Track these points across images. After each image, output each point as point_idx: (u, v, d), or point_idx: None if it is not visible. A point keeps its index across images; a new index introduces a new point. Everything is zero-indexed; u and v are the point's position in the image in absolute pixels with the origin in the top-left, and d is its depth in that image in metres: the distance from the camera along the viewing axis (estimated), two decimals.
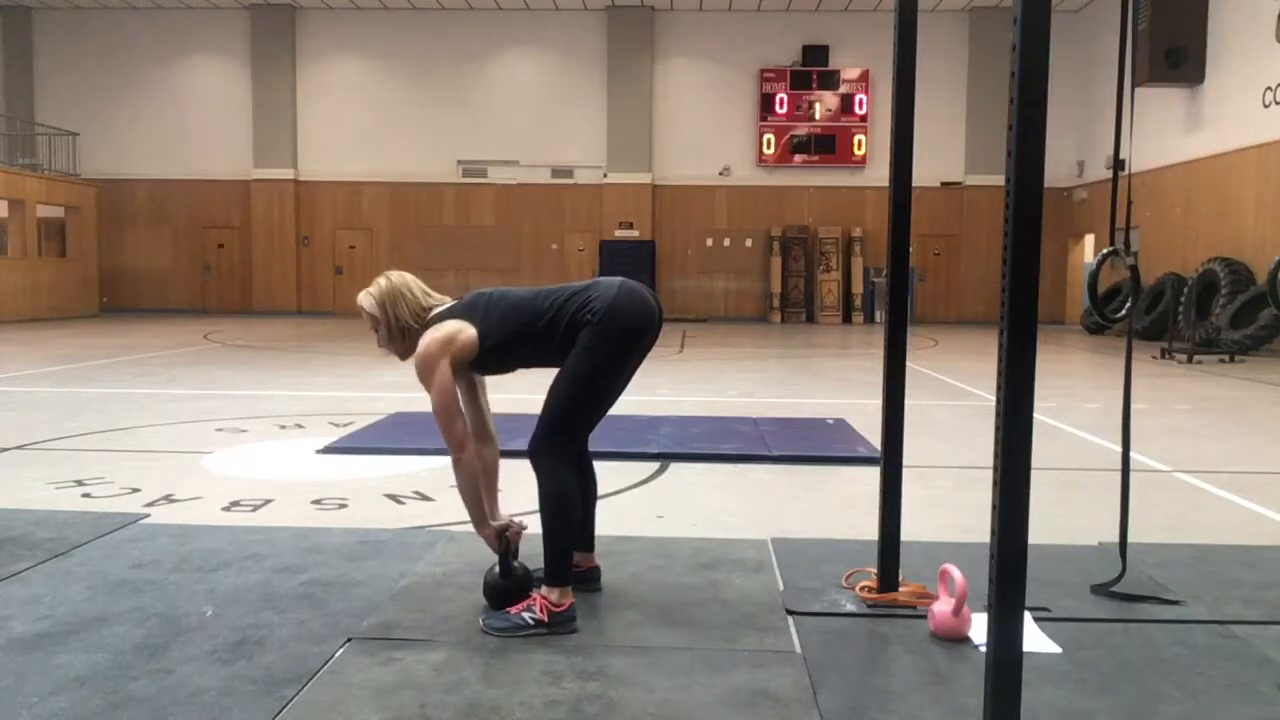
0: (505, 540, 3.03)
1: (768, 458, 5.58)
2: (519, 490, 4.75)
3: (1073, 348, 15.04)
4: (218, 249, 22.78)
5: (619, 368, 2.97)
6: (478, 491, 3.03)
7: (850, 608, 3.12)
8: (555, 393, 2.96)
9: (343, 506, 4.50)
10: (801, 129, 21.71)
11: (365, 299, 3.08)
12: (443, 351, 2.93)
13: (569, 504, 2.94)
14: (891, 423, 3.12)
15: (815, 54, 21.64)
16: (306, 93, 22.28)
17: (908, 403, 3.21)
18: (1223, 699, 2.50)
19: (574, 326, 2.93)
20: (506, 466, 5.28)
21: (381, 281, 3.09)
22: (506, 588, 3.00)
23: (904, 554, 3.20)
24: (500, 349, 2.99)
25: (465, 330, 2.96)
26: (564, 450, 2.96)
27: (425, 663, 2.66)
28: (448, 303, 3.10)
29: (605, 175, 21.91)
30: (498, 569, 3.03)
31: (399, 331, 3.06)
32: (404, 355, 3.11)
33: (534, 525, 3.16)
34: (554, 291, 3.02)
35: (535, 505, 3.00)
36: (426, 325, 3.04)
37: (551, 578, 2.91)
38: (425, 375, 2.93)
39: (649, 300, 3.01)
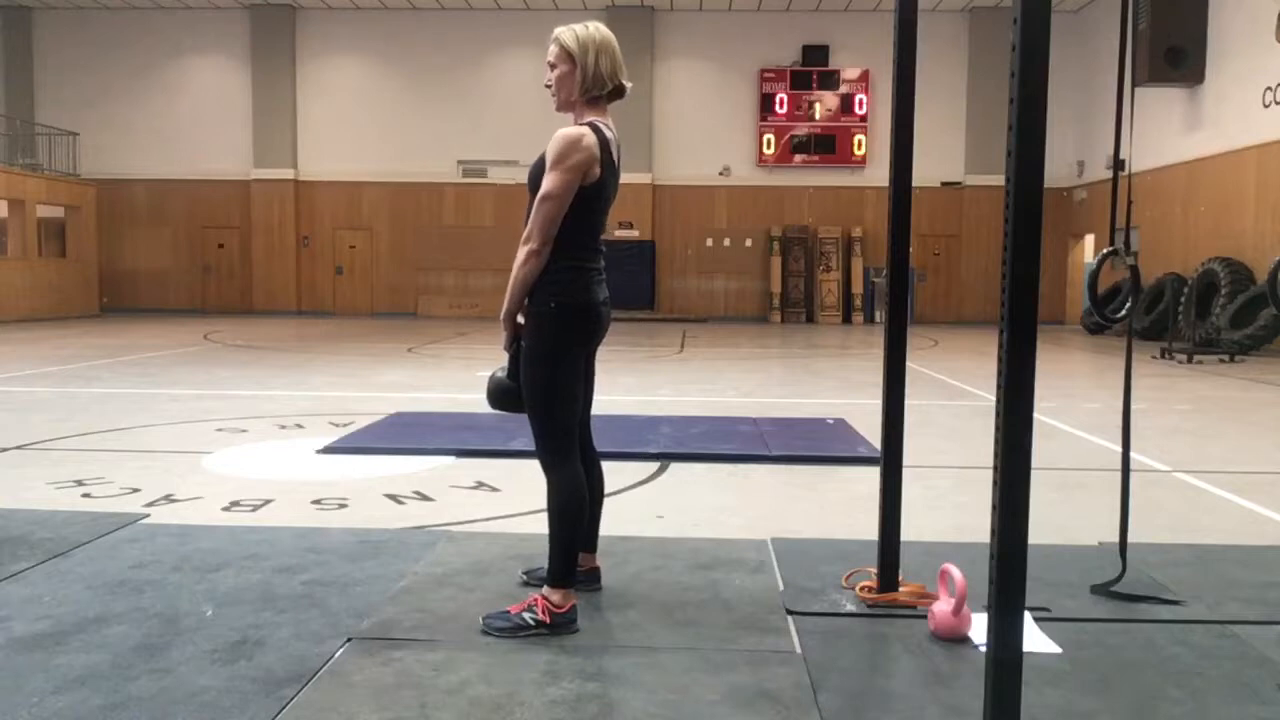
0: (519, 343, 2.98)
1: (768, 458, 5.57)
2: (520, 489, 4.75)
3: (1073, 348, 15.04)
4: (218, 249, 22.77)
5: (572, 360, 2.94)
6: (523, 293, 2.90)
7: (850, 608, 3.11)
8: (531, 403, 2.94)
9: (343, 506, 4.50)
10: (801, 129, 21.71)
11: (567, 32, 2.95)
12: (584, 157, 2.83)
13: (577, 507, 2.93)
14: (891, 423, 3.12)
15: (815, 54, 21.64)
16: (306, 93, 22.28)
17: (908, 403, 3.21)
18: (1223, 699, 2.50)
19: (546, 286, 2.88)
20: (506, 466, 5.30)
21: (591, 25, 2.97)
22: (513, 388, 2.99)
23: (904, 554, 3.20)
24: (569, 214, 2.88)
25: (597, 169, 2.88)
26: (562, 451, 2.95)
27: (425, 663, 2.66)
28: (613, 133, 2.99)
29: None
30: (504, 371, 3.01)
31: (588, 79, 2.93)
32: (562, 107, 3.01)
33: (539, 526, 3.16)
34: (591, 253, 2.97)
35: (541, 504, 3.00)
36: (595, 117, 2.94)
37: (555, 579, 2.90)
38: (562, 158, 2.81)
39: (602, 318, 2.99)
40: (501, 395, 3.03)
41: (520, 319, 2.97)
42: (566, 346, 2.92)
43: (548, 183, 2.84)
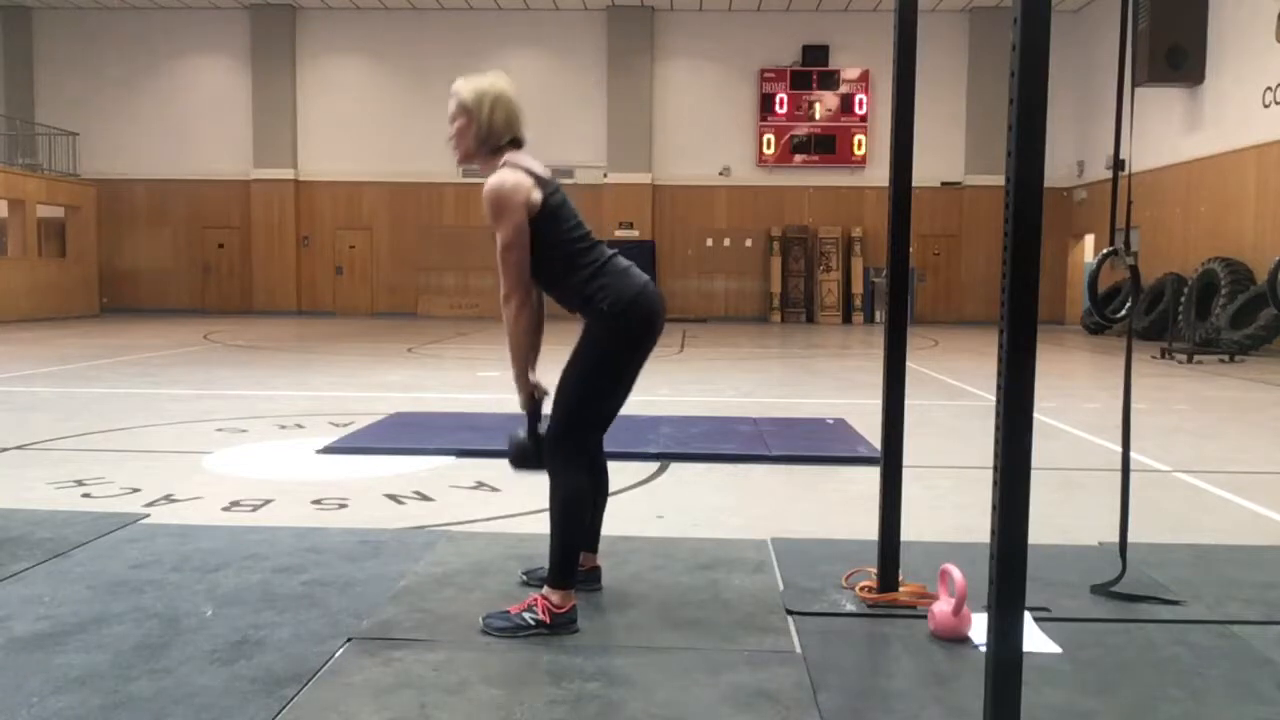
0: (535, 401, 3.00)
1: (768, 458, 5.57)
2: (520, 489, 4.75)
3: (1073, 348, 15.04)
4: (218, 249, 22.78)
5: (624, 366, 2.97)
6: (524, 342, 2.95)
7: (850, 608, 3.11)
8: (563, 393, 2.95)
9: (343, 506, 4.50)
10: (801, 129, 21.71)
11: (465, 86, 2.97)
12: (521, 195, 2.86)
13: (580, 506, 2.93)
14: (891, 423, 3.12)
15: (815, 54, 21.64)
16: (306, 93, 22.28)
17: (908, 403, 3.21)
18: (1223, 699, 2.50)
19: (589, 302, 2.92)
20: (506, 466, 5.28)
21: (488, 78, 2.99)
22: (532, 448, 3.00)
23: (904, 554, 3.20)
24: (533, 238, 2.90)
25: (536, 194, 2.90)
26: (576, 450, 2.96)
27: (425, 663, 2.66)
28: (530, 159, 3.01)
29: (605, 175, 21.91)
30: (523, 430, 3.01)
31: (483, 131, 2.95)
32: (463, 159, 3.02)
33: (539, 526, 3.16)
34: (599, 248, 2.97)
35: (541, 504, 3.00)
36: (504, 157, 2.95)
37: (555, 579, 2.90)
38: (500, 209, 2.85)
39: (661, 307, 3.02)
40: (523, 458, 3.04)
41: (533, 377, 3.00)
42: (618, 352, 2.93)
43: (500, 238, 2.87)
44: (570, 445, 2.95)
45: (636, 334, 2.94)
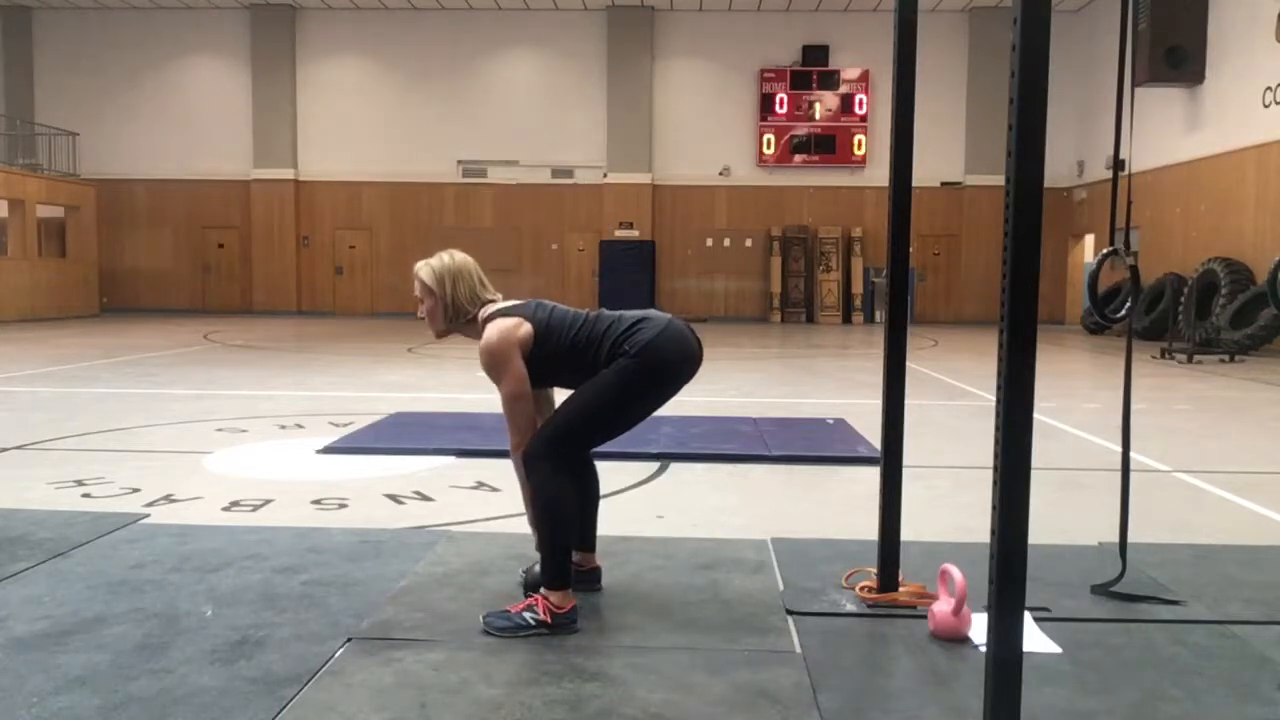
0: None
1: (768, 458, 5.57)
2: (519, 489, 4.75)
3: (1073, 348, 15.04)
4: (218, 249, 22.77)
5: (644, 400, 3.00)
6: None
7: (850, 608, 3.12)
8: (573, 404, 2.97)
9: (343, 506, 4.50)
10: (801, 129, 21.70)
11: (424, 269, 3.09)
12: (510, 343, 2.94)
13: (567, 506, 2.94)
14: (891, 423, 3.12)
15: (815, 54, 21.63)
16: (306, 93, 22.27)
17: (908, 403, 3.21)
18: (1223, 699, 2.50)
19: (613, 356, 2.96)
20: (506, 466, 5.28)
21: (445, 257, 3.10)
22: None
23: (904, 554, 3.20)
24: (545, 359, 2.99)
25: (524, 326, 2.98)
26: (564, 458, 2.97)
27: (425, 663, 2.66)
28: (502, 300, 3.12)
29: (605, 175, 21.91)
30: (538, 566, 3.02)
31: (450, 309, 3.06)
32: (440, 334, 3.14)
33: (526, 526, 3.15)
34: (606, 318, 3.05)
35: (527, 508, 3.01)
36: (481, 316, 3.05)
37: (551, 580, 2.90)
38: (496, 365, 2.95)
39: (691, 344, 3.05)
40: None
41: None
42: (637, 390, 2.96)
43: (502, 390, 2.96)
44: (559, 453, 2.96)
45: (659, 371, 2.96)
